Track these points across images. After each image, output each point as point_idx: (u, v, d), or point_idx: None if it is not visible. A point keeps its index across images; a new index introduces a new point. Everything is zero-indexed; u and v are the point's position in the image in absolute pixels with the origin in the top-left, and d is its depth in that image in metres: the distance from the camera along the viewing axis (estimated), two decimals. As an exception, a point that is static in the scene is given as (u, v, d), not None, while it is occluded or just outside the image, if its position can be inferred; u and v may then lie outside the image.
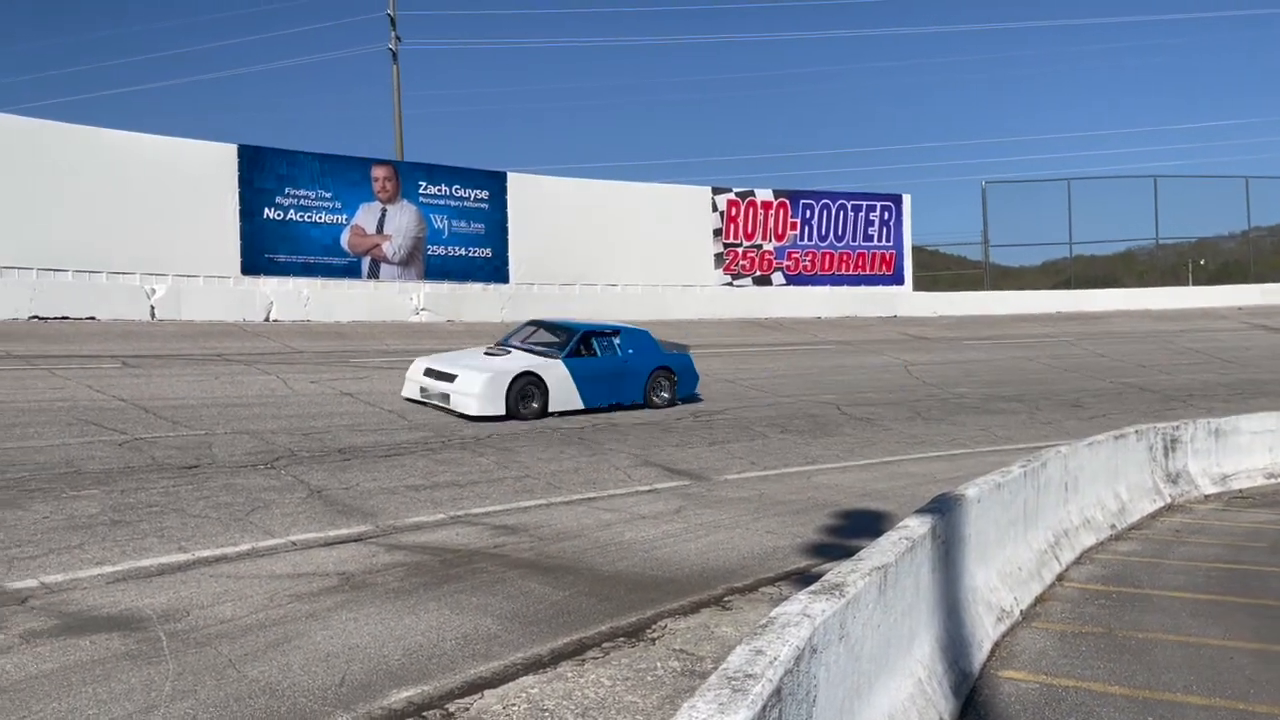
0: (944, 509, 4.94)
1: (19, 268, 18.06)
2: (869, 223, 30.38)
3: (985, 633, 5.34)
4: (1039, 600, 6.61)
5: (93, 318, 18.12)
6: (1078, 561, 7.89)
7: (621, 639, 5.49)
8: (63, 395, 11.99)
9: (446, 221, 23.83)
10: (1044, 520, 7.35)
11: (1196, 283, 36.28)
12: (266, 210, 21.21)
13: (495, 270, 24.49)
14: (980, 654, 5.12)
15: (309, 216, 21.82)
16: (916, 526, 4.37)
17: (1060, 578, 7.28)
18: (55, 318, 17.70)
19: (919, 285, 31.93)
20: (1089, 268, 36.46)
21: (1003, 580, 6.07)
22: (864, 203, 30.49)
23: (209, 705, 4.40)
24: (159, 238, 19.56)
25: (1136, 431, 10.49)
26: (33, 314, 17.50)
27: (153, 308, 18.97)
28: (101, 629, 5.30)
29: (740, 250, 28.44)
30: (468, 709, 4.43)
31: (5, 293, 17.45)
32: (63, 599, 5.78)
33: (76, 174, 18.79)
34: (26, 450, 9.44)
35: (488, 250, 24.41)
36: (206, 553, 6.83)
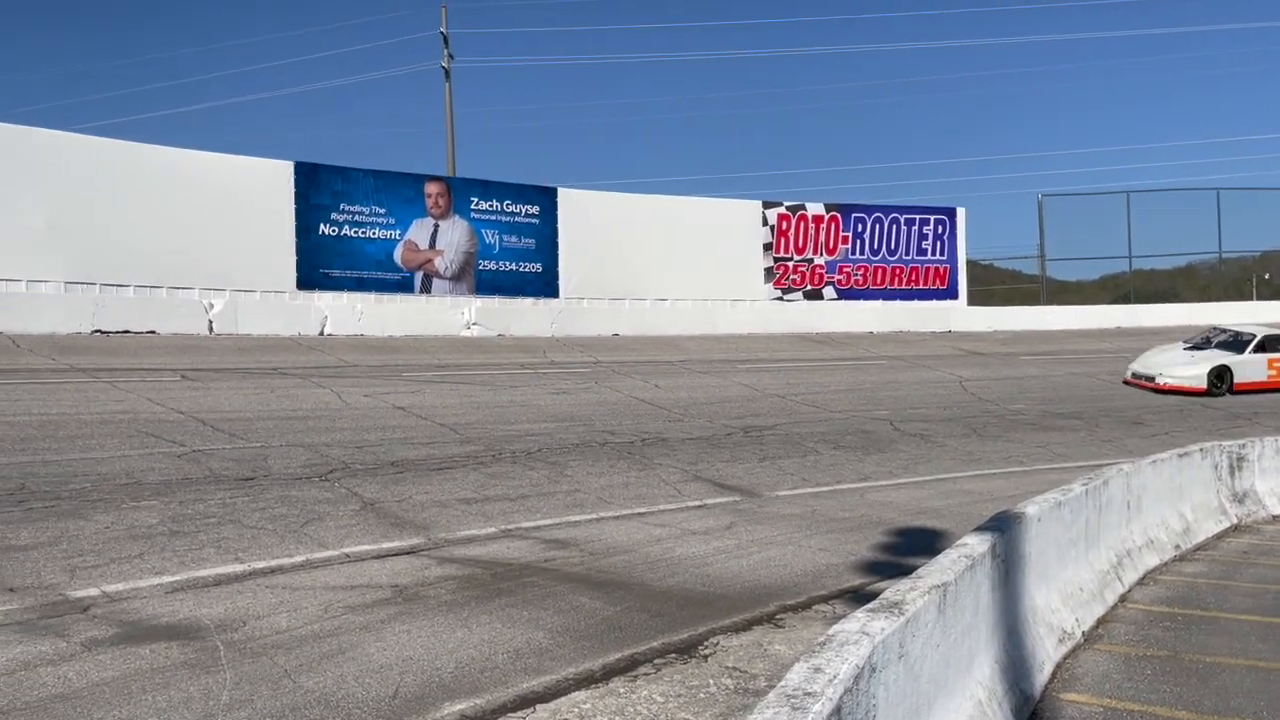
0: (1004, 527, 4.83)
1: (83, 283, 18.53)
2: (922, 236, 30.05)
3: (1046, 654, 5.21)
4: (1101, 622, 6.44)
5: (153, 331, 18.52)
6: (1141, 583, 7.68)
7: (673, 655, 5.45)
8: (124, 407, 12.25)
9: (498, 237, 24.03)
10: (1106, 540, 7.17)
11: (1260, 297, 35.31)
12: (322, 226, 21.56)
13: (545, 285, 24.62)
14: (1041, 676, 5.00)
15: (363, 232, 22.14)
16: (976, 544, 4.28)
17: (1123, 599, 7.09)
18: (117, 331, 18.12)
19: (973, 300, 31.49)
20: (1149, 282, 35.69)
21: (1064, 601, 5.92)
22: (917, 216, 30.19)
23: (265, 715, 4.43)
24: (217, 253, 19.97)
25: (1201, 449, 10.21)
26: (95, 328, 17.93)
27: (211, 322, 19.35)
28: (160, 638, 5.38)
29: (791, 264, 28.29)
30: (519, 723, 4.42)
31: (70, 307, 17.92)
32: (123, 608, 5.88)
33: (138, 191, 19.27)
34: (89, 461, 9.65)
35: (538, 265, 24.56)
36: (262, 564, 6.92)
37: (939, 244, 30.33)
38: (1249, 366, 19.93)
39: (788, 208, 28.40)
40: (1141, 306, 33.25)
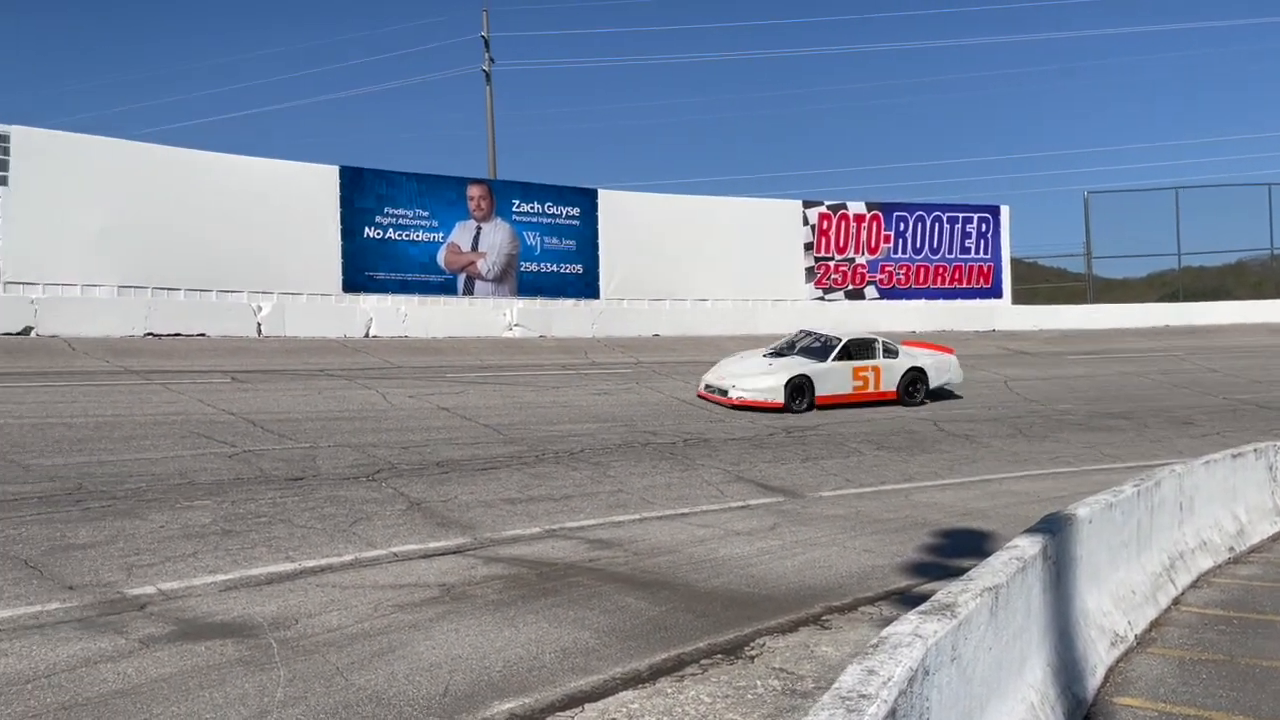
0: (1055, 529, 4.79)
1: (135, 286, 18.92)
2: (965, 235, 29.75)
3: (1099, 657, 5.15)
4: (1154, 625, 6.34)
5: (203, 334, 18.85)
6: (1194, 585, 7.55)
7: (719, 656, 5.45)
8: (176, 409, 12.49)
9: (539, 238, 24.16)
10: (1158, 542, 7.06)
11: (1314, 294, 34.50)
12: (366, 229, 21.81)
13: (586, 286, 24.71)
14: (1094, 680, 4.94)
15: (407, 235, 22.37)
16: (1027, 546, 4.24)
17: (1176, 602, 6.98)
18: (169, 334, 18.47)
19: (1017, 299, 31.09)
20: (1198, 279, 35.01)
21: (1115, 603, 5.84)
22: (960, 214, 29.88)
23: (319, 712, 4.51)
24: (265, 257, 20.30)
25: (1255, 450, 10.01)
26: (148, 330, 18.29)
27: (259, 324, 19.66)
28: (216, 635, 5.48)
29: (832, 264, 28.14)
30: (568, 722, 4.45)
31: (124, 311, 18.30)
32: (179, 605, 6.00)
33: (188, 196, 19.63)
34: (143, 462, 9.85)
35: (579, 266, 24.65)
36: (312, 563, 7.02)
37: (983, 242, 30.00)
38: (832, 376, 16.61)
39: (829, 207, 28.24)
40: (1191, 305, 32.63)
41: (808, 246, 27.85)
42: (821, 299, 27.94)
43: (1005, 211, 30.52)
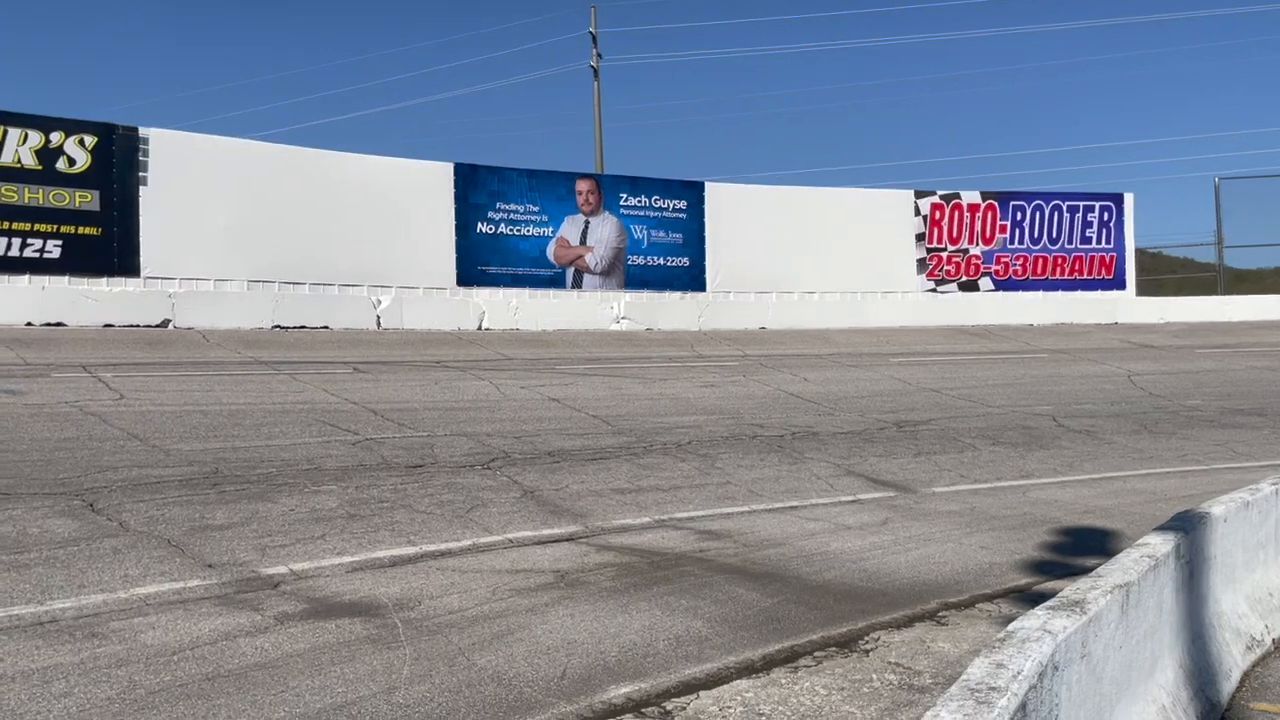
0: (1187, 527, 4.62)
1: (264, 281, 19.78)
2: (1086, 224, 28.68)
3: (1234, 661, 4.95)
4: (1294, 631, 6.04)
5: (326, 327, 19.59)
6: (1338, 591, 7.16)
7: (833, 649, 5.43)
8: (302, 398, 13.03)
9: (646, 232, 24.30)
10: (1298, 544, 6.72)
11: None
12: (479, 225, 22.31)
13: (693, 279, 24.74)
14: (1229, 684, 4.75)
15: (518, 230, 22.80)
16: (1159, 544, 4.10)
17: (1318, 608, 6.63)
18: (294, 327, 19.26)
19: (1141, 290, 29.85)
20: (1341, 269, 33.00)
21: (1251, 606, 5.60)
22: (1081, 203, 28.83)
23: (444, 689, 4.67)
24: (383, 252, 20.97)
25: (1407, 449, 9.41)
26: (275, 323, 19.11)
27: (379, 317, 20.32)
28: (344, 614, 5.72)
29: (945, 255, 27.50)
30: (684, 708, 4.50)
31: (253, 304, 19.16)
32: (309, 585, 6.29)
33: (311, 194, 20.42)
34: (273, 449, 10.32)
35: (685, 259, 24.71)
36: (432, 547, 7.26)
37: (1104, 231, 28.89)
38: None
39: (941, 197, 27.61)
40: (1333, 295, 30.78)
41: (919, 237, 27.28)
42: (934, 291, 27.36)
43: (1129, 199, 29.32)
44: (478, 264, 22.23)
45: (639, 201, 24.26)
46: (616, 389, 15.51)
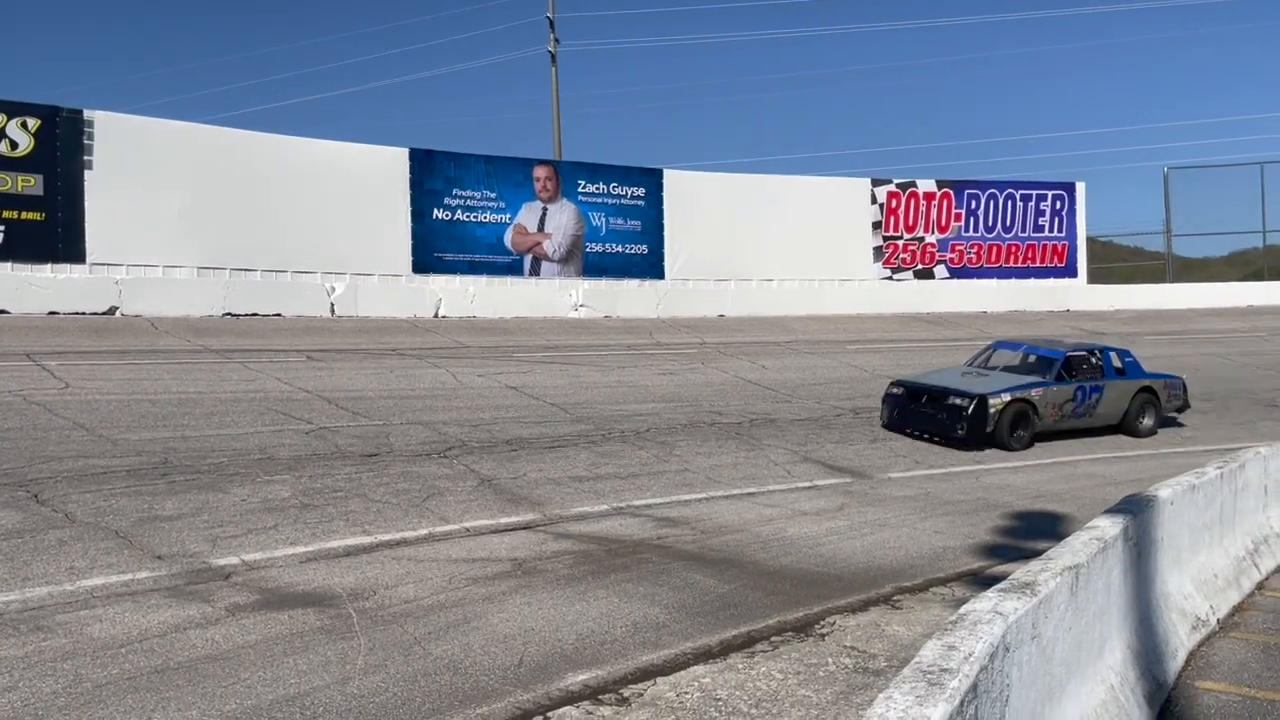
0: (1135, 510, 4.69)
1: (214, 268, 19.41)
2: (1039, 213, 29.06)
3: (1180, 641, 5.05)
4: (1237, 610, 6.19)
5: (279, 314, 19.29)
6: (1279, 570, 7.35)
7: (790, 633, 5.46)
8: (255, 386, 12.83)
9: (604, 219, 24.20)
10: (1242, 526, 6.88)
11: None
12: (435, 211, 22.07)
13: (651, 266, 24.70)
14: (1175, 663, 4.84)
15: (475, 216, 22.58)
16: (1108, 527, 4.17)
17: (1260, 586, 6.80)
18: (246, 314, 18.94)
19: (1093, 278, 30.32)
20: (1284, 258, 33.73)
21: (1197, 587, 5.72)
22: (1034, 192, 29.20)
23: (399, 679, 4.63)
24: (337, 238, 20.65)
25: (1346, 433, 9.67)
26: (226, 310, 18.78)
27: (332, 305, 20.05)
28: (297, 605, 5.65)
29: (901, 243, 27.72)
30: (641, 694, 4.50)
31: (203, 291, 18.80)
32: (261, 576, 6.20)
33: (263, 179, 20.06)
34: (224, 438, 10.15)
35: (644, 247, 24.65)
36: (388, 536, 7.19)
37: (1057, 220, 29.29)
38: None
39: (897, 185, 27.80)
40: (1275, 284, 31.47)
41: (876, 225, 27.47)
42: (890, 279, 27.57)
43: (1080, 189, 29.76)
44: (434, 251, 22.00)
45: (597, 188, 24.16)
46: (575, 377, 15.46)
